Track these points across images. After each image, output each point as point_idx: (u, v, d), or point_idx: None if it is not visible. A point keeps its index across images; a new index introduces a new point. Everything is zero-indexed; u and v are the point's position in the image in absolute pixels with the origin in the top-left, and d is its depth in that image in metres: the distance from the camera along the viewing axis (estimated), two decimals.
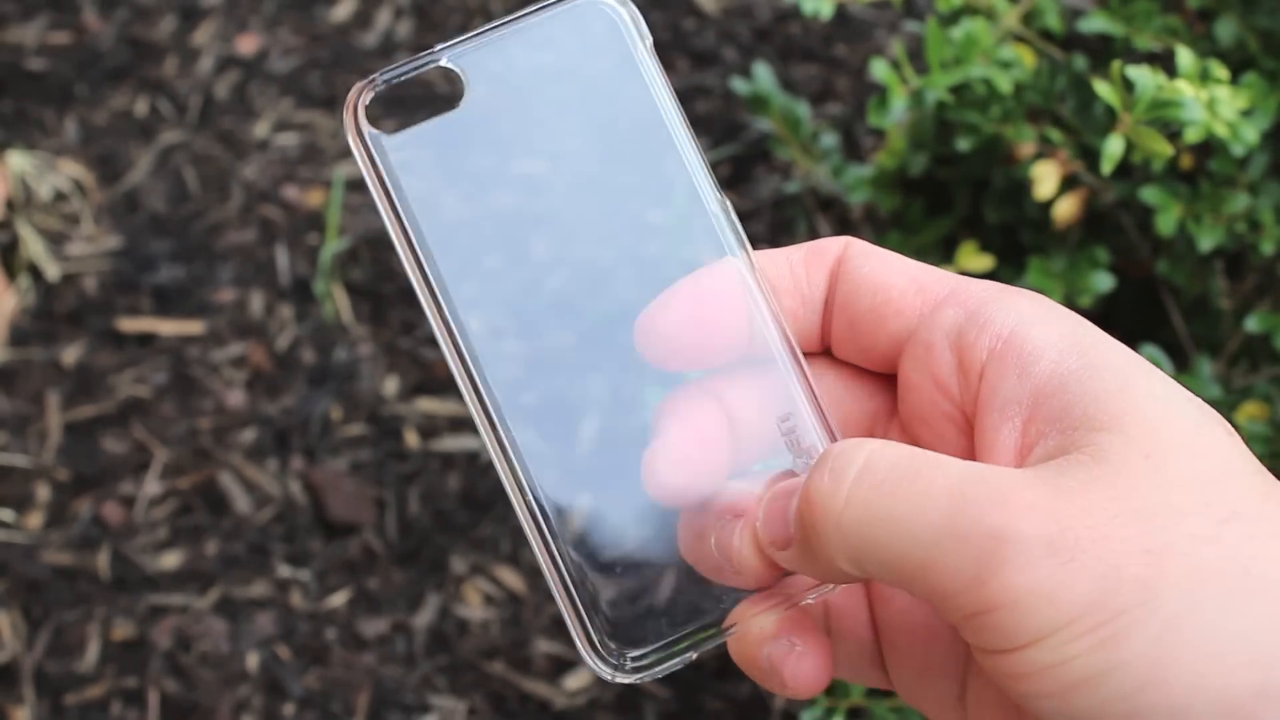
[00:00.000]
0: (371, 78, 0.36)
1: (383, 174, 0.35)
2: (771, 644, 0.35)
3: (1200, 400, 0.32)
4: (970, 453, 0.34)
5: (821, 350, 0.37)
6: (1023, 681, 0.29)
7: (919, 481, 0.30)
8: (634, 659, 0.36)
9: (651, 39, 0.35)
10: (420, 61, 0.36)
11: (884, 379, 0.37)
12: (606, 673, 0.35)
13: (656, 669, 0.36)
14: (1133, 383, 0.32)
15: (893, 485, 0.30)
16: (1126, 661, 0.28)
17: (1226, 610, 0.28)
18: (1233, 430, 0.32)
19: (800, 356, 0.36)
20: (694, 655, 0.35)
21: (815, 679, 0.34)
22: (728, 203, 0.36)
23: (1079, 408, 0.31)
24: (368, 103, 0.36)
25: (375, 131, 0.36)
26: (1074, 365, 0.32)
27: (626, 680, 0.36)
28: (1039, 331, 0.33)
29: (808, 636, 0.35)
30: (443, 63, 0.36)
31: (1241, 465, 0.31)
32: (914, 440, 0.36)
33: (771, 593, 0.35)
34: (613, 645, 0.35)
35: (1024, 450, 0.32)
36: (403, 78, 0.36)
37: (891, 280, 0.35)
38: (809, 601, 0.35)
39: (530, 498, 0.35)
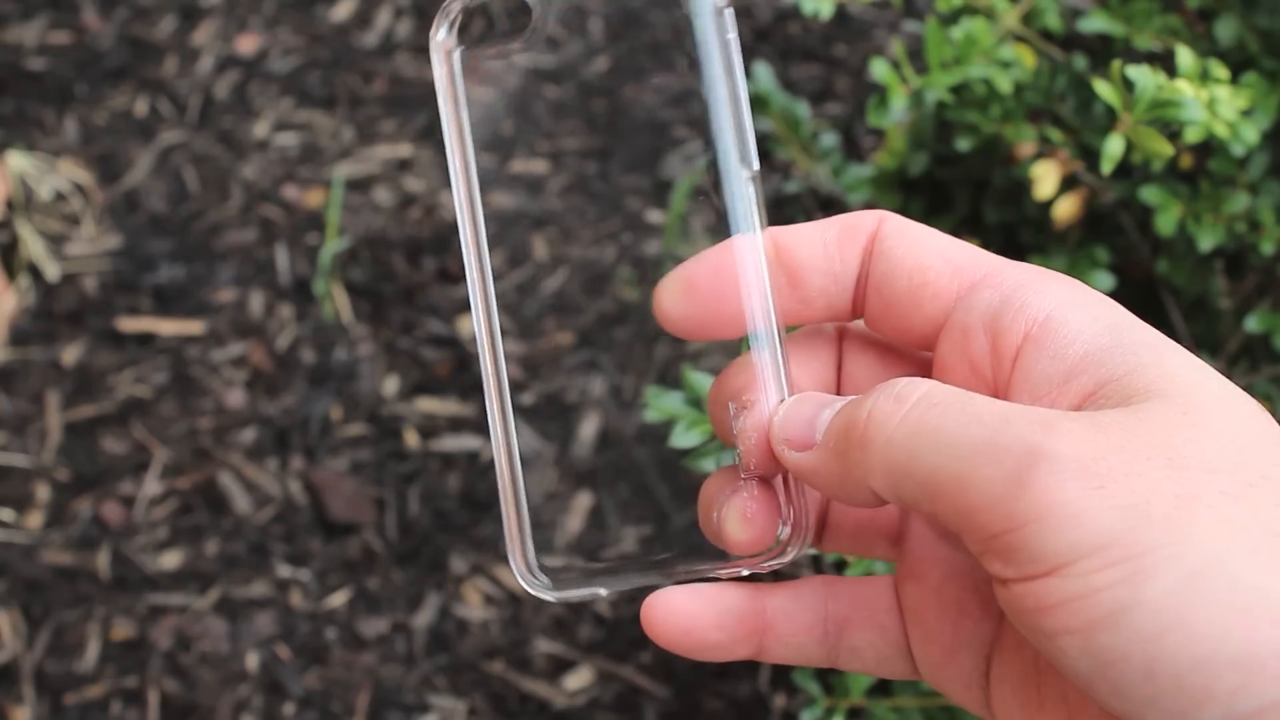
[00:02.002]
0: None
1: (453, 83, 0.38)
2: (653, 595, 0.36)
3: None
4: None
5: (853, 319, 0.38)
6: (1047, 616, 0.29)
7: (971, 406, 0.31)
8: (556, 580, 0.37)
9: (727, 3, 0.36)
10: None
11: (918, 359, 0.38)
12: (529, 587, 0.37)
13: (569, 594, 0.37)
14: (1168, 358, 0.32)
15: (945, 408, 0.31)
16: (1151, 600, 0.28)
17: (1254, 567, 0.28)
18: (1262, 407, 0.32)
19: (779, 342, 0.36)
20: (604, 592, 0.38)
21: (664, 632, 0.36)
22: (757, 178, 0.37)
23: (1114, 381, 0.32)
24: (452, 16, 0.38)
25: (454, 45, 0.38)
26: (1108, 343, 0.33)
27: (542, 596, 0.37)
28: (1074, 315, 0.33)
29: (677, 597, 0.36)
30: None
31: (1274, 435, 0.31)
32: None
33: (719, 564, 0.37)
34: (542, 565, 0.37)
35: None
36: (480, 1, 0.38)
37: (927, 262, 0.35)
38: (736, 575, 0.37)
39: (505, 416, 0.37)
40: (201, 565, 1.06)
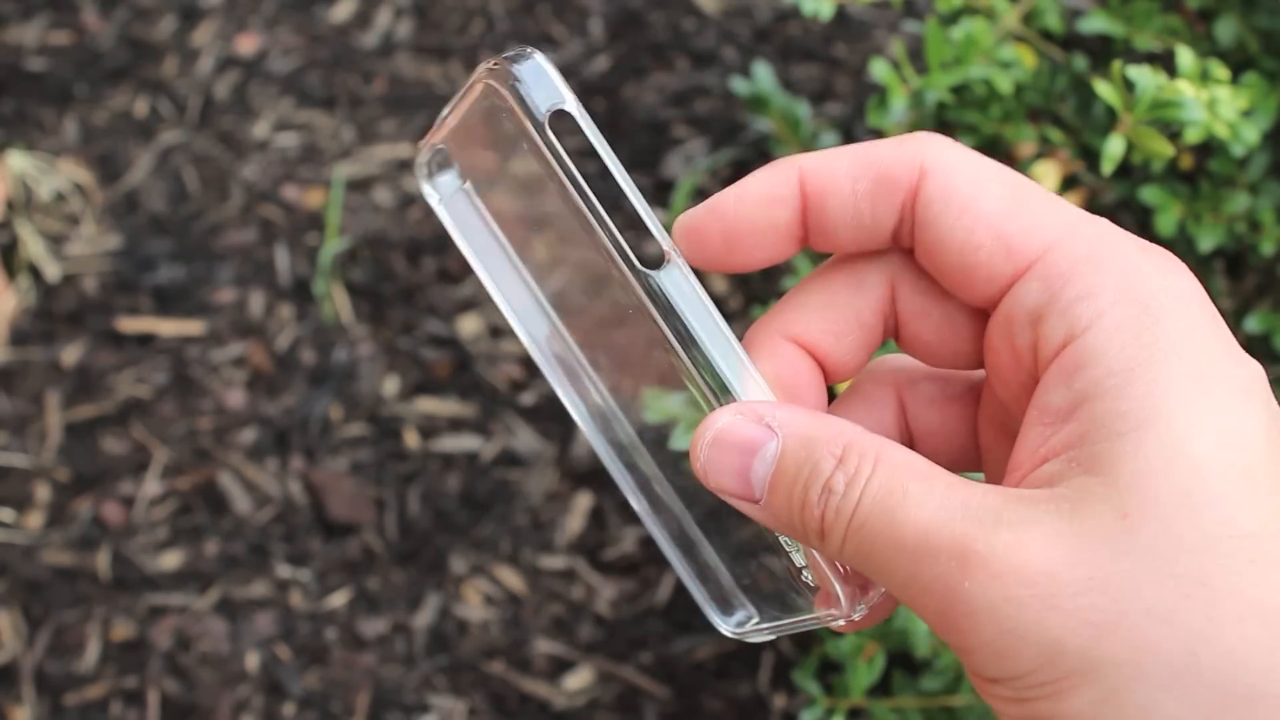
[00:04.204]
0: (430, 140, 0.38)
1: (455, 222, 0.38)
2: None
3: (1262, 415, 0.31)
4: None
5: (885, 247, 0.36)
6: (994, 702, 0.32)
7: (908, 507, 0.32)
8: (749, 625, 0.40)
9: (546, 107, 0.33)
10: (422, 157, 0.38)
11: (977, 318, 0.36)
12: (725, 629, 0.39)
13: (757, 636, 0.39)
14: (1155, 419, 0.30)
15: (896, 503, 0.32)
16: (1072, 714, 0.30)
17: (1165, 694, 0.29)
18: (1276, 457, 0.30)
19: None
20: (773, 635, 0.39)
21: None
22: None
23: (1089, 443, 0.31)
24: (428, 167, 0.38)
25: (440, 190, 0.38)
26: (1111, 385, 0.31)
27: (743, 638, 0.39)
28: (1103, 339, 0.31)
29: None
30: (425, 156, 0.38)
31: (1239, 526, 0.30)
32: (990, 393, 0.36)
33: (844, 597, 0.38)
34: (730, 608, 0.40)
35: (1041, 460, 0.32)
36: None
37: (979, 239, 0.33)
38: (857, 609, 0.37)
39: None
40: (201, 565, 1.06)
